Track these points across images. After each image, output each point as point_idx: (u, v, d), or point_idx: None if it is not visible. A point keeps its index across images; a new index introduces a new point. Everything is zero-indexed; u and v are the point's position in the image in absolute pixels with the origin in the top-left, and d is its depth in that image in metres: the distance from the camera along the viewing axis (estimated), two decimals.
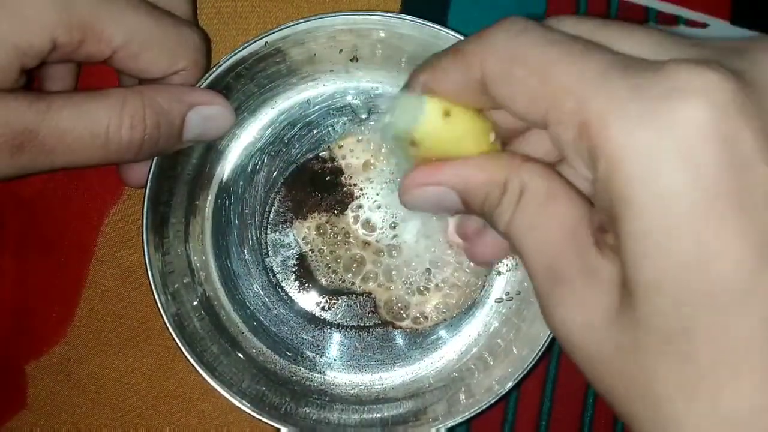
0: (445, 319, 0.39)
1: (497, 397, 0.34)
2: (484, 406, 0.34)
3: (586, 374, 0.20)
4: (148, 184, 0.34)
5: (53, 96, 0.29)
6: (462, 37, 0.34)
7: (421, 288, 0.39)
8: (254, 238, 0.39)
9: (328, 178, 0.39)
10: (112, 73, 0.34)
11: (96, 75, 0.37)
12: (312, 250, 0.39)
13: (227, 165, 0.39)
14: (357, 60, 0.37)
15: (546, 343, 0.34)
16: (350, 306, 0.39)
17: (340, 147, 0.39)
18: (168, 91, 0.32)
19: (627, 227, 0.18)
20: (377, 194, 0.39)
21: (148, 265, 0.34)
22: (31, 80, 0.31)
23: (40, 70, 0.33)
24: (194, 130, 0.33)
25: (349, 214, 0.39)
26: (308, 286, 0.39)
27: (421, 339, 0.39)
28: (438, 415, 0.36)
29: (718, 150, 0.17)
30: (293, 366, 0.39)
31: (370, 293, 0.39)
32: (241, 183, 0.39)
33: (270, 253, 0.39)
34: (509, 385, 0.34)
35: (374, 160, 0.39)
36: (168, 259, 0.36)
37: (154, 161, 0.34)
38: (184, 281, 0.37)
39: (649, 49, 0.20)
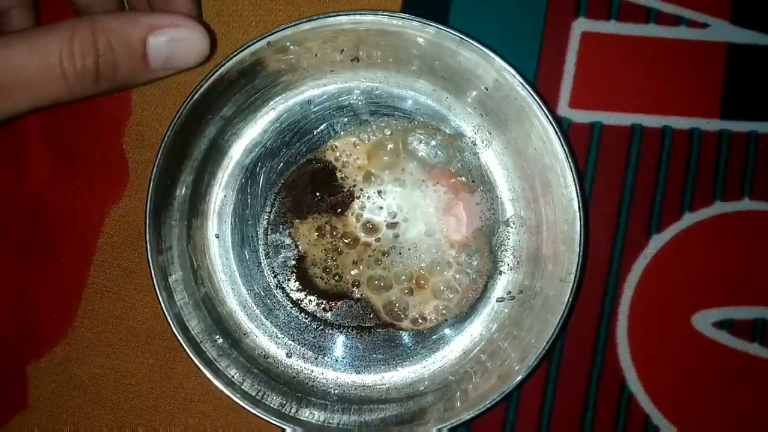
0: (446, 320, 0.39)
1: (500, 396, 0.34)
2: (488, 405, 0.34)
3: None
4: (150, 185, 0.34)
5: (3, 37, 0.29)
6: (463, 36, 0.34)
7: (421, 290, 0.38)
8: (255, 239, 0.39)
9: (328, 179, 0.39)
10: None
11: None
12: (312, 251, 0.39)
13: (229, 165, 0.39)
14: (358, 60, 0.37)
15: (546, 346, 0.34)
16: (351, 307, 0.39)
17: (336, 148, 0.39)
18: (124, 15, 0.31)
19: None
20: (378, 195, 0.39)
21: (150, 265, 0.34)
22: None
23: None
24: (159, 54, 0.31)
25: (350, 215, 0.39)
26: (309, 288, 0.39)
27: (423, 339, 0.39)
28: (439, 416, 0.36)
29: None
30: (295, 366, 0.39)
31: (370, 294, 0.39)
32: (242, 184, 0.39)
33: (271, 254, 0.39)
34: (509, 386, 0.34)
35: (375, 161, 0.39)
36: (170, 260, 0.36)
37: (157, 163, 0.34)
38: (186, 282, 0.37)
39: None
